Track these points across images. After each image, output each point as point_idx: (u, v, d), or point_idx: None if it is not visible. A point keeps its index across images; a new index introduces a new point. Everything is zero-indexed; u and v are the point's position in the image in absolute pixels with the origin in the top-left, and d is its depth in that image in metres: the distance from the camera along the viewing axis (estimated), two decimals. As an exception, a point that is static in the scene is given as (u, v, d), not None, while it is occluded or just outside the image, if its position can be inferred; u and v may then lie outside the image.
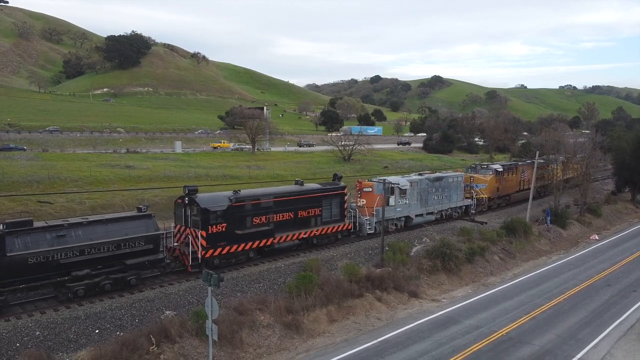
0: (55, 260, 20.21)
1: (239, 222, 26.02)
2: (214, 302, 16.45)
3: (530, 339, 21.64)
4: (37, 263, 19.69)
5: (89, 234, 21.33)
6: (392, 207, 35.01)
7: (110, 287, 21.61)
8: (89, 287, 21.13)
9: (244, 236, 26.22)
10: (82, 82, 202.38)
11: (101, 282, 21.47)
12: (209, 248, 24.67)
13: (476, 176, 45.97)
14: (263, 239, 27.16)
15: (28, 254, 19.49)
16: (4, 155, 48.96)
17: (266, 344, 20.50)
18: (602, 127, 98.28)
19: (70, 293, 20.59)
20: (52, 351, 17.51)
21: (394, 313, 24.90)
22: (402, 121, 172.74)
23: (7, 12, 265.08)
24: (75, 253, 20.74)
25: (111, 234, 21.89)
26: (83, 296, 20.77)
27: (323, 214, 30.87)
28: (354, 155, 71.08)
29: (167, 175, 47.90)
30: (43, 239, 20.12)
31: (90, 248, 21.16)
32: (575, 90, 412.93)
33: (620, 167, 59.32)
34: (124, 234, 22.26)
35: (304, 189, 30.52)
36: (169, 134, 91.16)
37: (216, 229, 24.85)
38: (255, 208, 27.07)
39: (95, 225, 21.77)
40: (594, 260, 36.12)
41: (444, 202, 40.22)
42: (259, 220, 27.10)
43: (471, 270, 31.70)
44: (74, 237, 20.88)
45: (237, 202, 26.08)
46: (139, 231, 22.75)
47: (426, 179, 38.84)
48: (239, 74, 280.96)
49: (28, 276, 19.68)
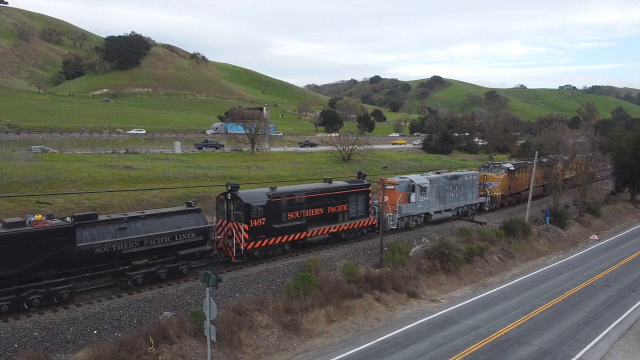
0: (119, 250, 21.82)
1: (276, 217, 27.84)
2: (213, 302, 16.45)
3: (529, 339, 21.64)
4: (102, 253, 21.28)
5: (146, 226, 22.94)
6: (413, 204, 36.79)
7: (165, 275, 23.30)
8: (147, 276, 22.74)
9: (281, 230, 28.03)
10: (81, 82, 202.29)
11: (157, 271, 23.13)
12: (251, 240, 26.51)
13: (489, 175, 47.55)
14: (297, 232, 29.00)
15: (95, 245, 21.03)
16: (3, 156, 48.92)
17: (265, 345, 20.49)
18: (601, 127, 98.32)
19: (130, 281, 22.16)
20: (50, 352, 17.51)
21: (393, 313, 24.90)
22: (402, 121, 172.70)
23: (6, 13, 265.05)
24: (136, 244, 22.35)
25: (166, 227, 23.52)
26: (142, 284, 22.43)
27: (350, 210, 32.58)
28: (354, 155, 71.06)
29: (166, 176, 47.83)
30: (107, 231, 21.68)
31: (148, 239, 22.77)
32: (575, 91, 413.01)
33: (620, 167, 59.30)
34: (177, 227, 23.88)
35: (332, 186, 32.20)
36: (169, 135, 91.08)
37: (256, 222, 26.68)
38: (290, 204, 28.85)
39: (152, 219, 23.40)
40: (593, 260, 36.12)
41: (460, 199, 41.87)
42: (293, 215, 28.92)
43: (470, 270, 31.69)
44: (134, 229, 22.47)
45: (275, 198, 27.90)
46: (190, 224, 24.40)
47: (444, 177, 40.32)
48: (239, 74, 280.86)
49: (94, 265, 21.21)
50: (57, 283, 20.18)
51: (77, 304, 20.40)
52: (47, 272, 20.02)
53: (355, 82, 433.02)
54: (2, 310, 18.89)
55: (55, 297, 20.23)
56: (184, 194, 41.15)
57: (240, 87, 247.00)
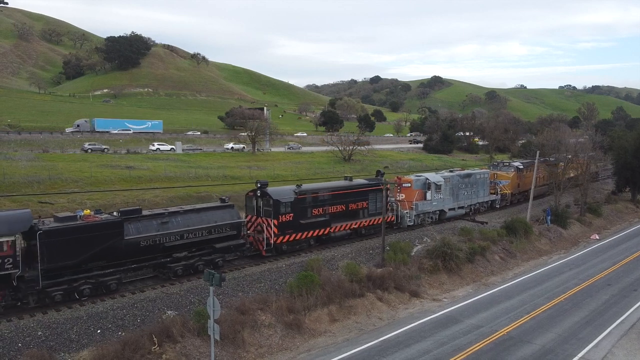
0: (161, 243, 22.97)
1: (302, 213, 29.03)
2: (216, 301, 16.47)
3: (532, 338, 21.67)
4: (147, 246, 22.45)
5: (186, 221, 24.10)
6: (429, 201, 38.00)
7: (202, 267, 24.07)
8: (186, 268, 23.89)
9: (307, 225, 29.22)
10: (82, 83, 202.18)
11: (195, 263, 24.27)
12: (279, 235, 27.71)
13: (499, 173, 48.97)
14: (321, 228, 30.19)
15: (140, 238, 22.19)
16: (4, 156, 48.97)
17: (268, 344, 20.52)
18: (602, 127, 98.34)
19: (170, 273, 23.35)
20: (54, 351, 17.53)
21: (395, 313, 24.93)
22: (402, 122, 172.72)
23: (6, 14, 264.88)
24: (177, 237, 23.49)
25: (204, 221, 24.72)
26: (181, 275, 23.57)
27: (369, 206, 33.59)
28: (354, 155, 71.11)
29: (167, 176, 47.89)
30: (151, 225, 22.82)
31: (188, 233, 23.94)
32: (575, 90, 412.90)
33: (621, 166, 59.35)
34: (214, 221, 25.08)
35: (353, 184, 33.35)
36: (169, 135, 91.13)
37: (285, 218, 27.86)
38: (315, 201, 30.01)
39: (190, 214, 24.57)
40: (595, 259, 36.15)
41: (472, 197, 43.28)
42: (317, 211, 30.08)
43: (472, 269, 31.73)
44: (174, 224, 23.62)
45: (301, 195, 29.07)
46: (225, 219, 25.62)
47: (457, 175, 41.63)
48: (239, 74, 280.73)
49: (139, 257, 22.36)
50: (105, 274, 21.33)
51: (81, 303, 20.43)
52: (97, 263, 21.13)
53: (356, 82, 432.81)
54: (56, 299, 19.98)
55: (103, 288, 21.36)
56: (185, 193, 41.19)
57: (241, 87, 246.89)
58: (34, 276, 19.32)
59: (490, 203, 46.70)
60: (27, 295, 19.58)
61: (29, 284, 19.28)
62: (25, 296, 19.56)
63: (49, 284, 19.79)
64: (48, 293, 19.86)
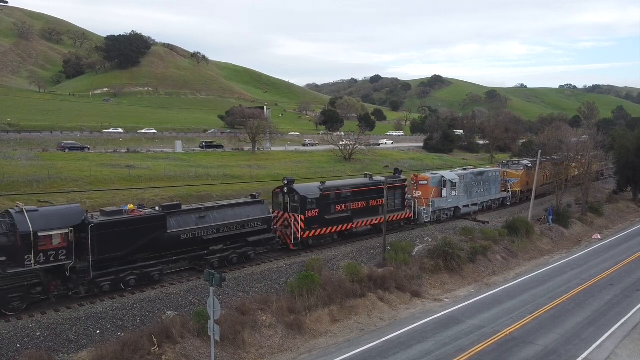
0: (200, 236, 24.10)
1: (326, 209, 30.17)
2: (216, 302, 16.32)
3: (534, 339, 21.52)
4: (187, 239, 23.57)
5: (221, 215, 25.21)
6: (444, 198, 39.17)
7: (236, 260, 25.66)
8: (221, 260, 25.08)
9: (331, 221, 30.37)
10: (82, 82, 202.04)
11: (229, 255, 25.47)
12: (306, 230, 28.90)
13: (509, 171, 50.04)
14: (344, 224, 31.32)
15: (181, 231, 23.31)
16: (4, 155, 48.81)
17: (268, 344, 20.37)
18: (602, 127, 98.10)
19: (207, 264, 24.10)
20: (52, 352, 17.37)
21: (397, 313, 24.77)
22: (402, 121, 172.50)
23: (6, 12, 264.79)
24: (214, 231, 24.63)
25: (237, 216, 25.90)
26: (217, 267, 24.46)
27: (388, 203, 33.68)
28: (355, 154, 70.91)
29: (167, 175, 47.69)
30: (190, 219, 23.95)
31: (223, 227, 25.07)
32: (576, 90, 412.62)
33: (622, 166, 59.19)
34: (247, 216, 26.25)
35: (373, 181, 34.30)
36: (169, 134, 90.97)
37: (311, 213, 29.01)
38: (338, 197, 31.09)
39: (225, 209, 25.72)
40: (597, 259, 35.99)
41: (485, 194, 44.64)
42: (340, 207, 31.20)
43: (473, 269, 31.58)
44: (211, 218, 24.75)
45: (325, 191, 30.17)
46: (256, 214, 26.79)
47: (470, 173, 42.86)
48: (239, 73, 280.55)
49: (180, 249, 23.46)
50: (149, 265, 22.33)
51: (79, 303, 20.28)
52: (141, 255, 22.11)
53: (356, 82, 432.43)
54: (104, 289, 21.01)
55: (147, 278, 22.26)
56: (185, 193, 40.99)
57: (241, 87, 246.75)
58: (85, 267, 20.38)
59: (502, 200, 47.83)
60: (78, 285, 20.53)
61: (81, 274, 20.31)
62: (76, 286, 20.53)
63: (98, 274, 20.82)
64: (97, 283, 20.88)
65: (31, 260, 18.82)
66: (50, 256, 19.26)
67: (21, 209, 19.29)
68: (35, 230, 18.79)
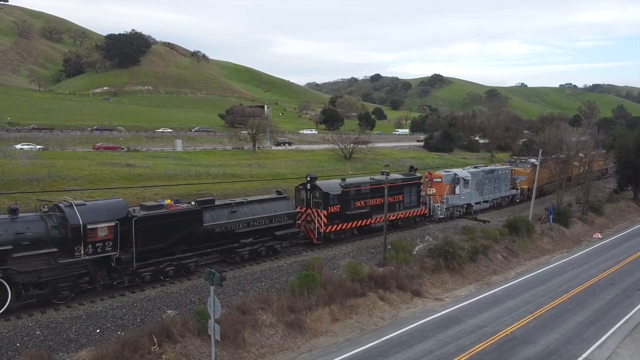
0: (232, 230, 25.31)
1: (347, 205, 31.21)
2: (216, 301, 16.26)
3: (535, 338, 21.46)
4: (220, 232, 24.79)
5: (251, 210, 26.46)
6: (457, 195, 40.42)
7: (264, 252, 26.90)
8: (251, 252, 26.25)
9: (351, 216, 31.41)
10: (82, 80, 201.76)
11: (258, 248, 26.66)
12: (329, 225, 29.98)
13: (517, 169, 50.83)
14: (363, 219, 32.18)
15: (215, 225, 24.49)
16: (4, 154, 48.77)
17: (269, 344, 20.32)
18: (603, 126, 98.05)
19: (237, 257, 25.63)
20: (52, 351, 17.31)
21: (397, 312, 24.72)
22: (403, 120, 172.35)
23: (7, 11, 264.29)
24: (244, 225, 25.83)
25: (266, 211, 27.10)
26: (247, 259, 25.95)
27: (405, 200, 35.82)
28: (355, 154, 70.85)
29: (167, 174, 47.64)
30: (223, 214, 25.14)
31: (253, 221, 26.28)
32: (576, 89, 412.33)
33: (623, 165, 59.13)
34: (274, 211, 27.45)
35: (390, 178, 34.35)
36: (169, 133, 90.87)
37: (333, 209, 30.16)
38: (357, 193, 32.02)
39: (254, 204, 27.02)
40: (597, 258, 35.93)
41: (495, 191, 45.96)
42: (359, 204, 32.13)
43: (474, 269, 31.52)
44: (242, 213, 25.96)
45: (346, 188, 31.25)
46: (282, 209, 27.96)
47: (482, 171, 44.14)
48: (239, 72, 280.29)
49: (214, 242, 24.64)
50: (186, 257, 23.42)
51: (79, 302, 20.22)
52: (179, 247, 23.24)
53: (356, 81, 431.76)
54: (146, 279, 22.08)
55: (184, 269, 23.33)
56: (185, 191, 40.94)
57: (241, 85, 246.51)
58: (129, 258, 21.41)
59: (511, 198, 48.99)
60: (122, 276, 21.47)
61: (125, 265, 21.32)
62: (120, 276, 21.47)
63: (141, 265, 21.86)
64: (139, 274, 21.88)
65: (80, 252, 19.86)
66: (97, 247, 20.31)
67: (70, 203, 20.19)
68: (84, 223, 19.78)
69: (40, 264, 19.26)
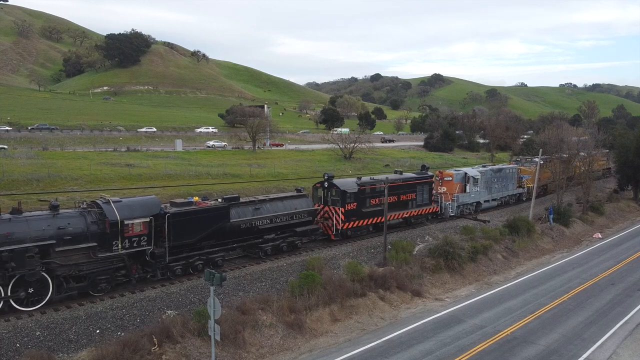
0: (256, 226, 26.31)
1: (363, 202, 32.02)
2: (217, 301, 16.24)
3: (536, 338, 21.44)
4: (245, 228, 25.81)
5: (273, 207, 27.42)
6: (468, 193, 41.46)
7: (286, 248, 27.85)
8: (273, 248, 27.23)
9: (367, 214, 32.17)
10: (82, 80, 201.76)
11: (280, 244, 27.60)
12: (345, 222, 30.87)
13: (523, 168, 51.38)
14: (378, 217, 32.56)
15: (241, 221, 25.48)
16: (4, 154, 48.73)
17: (269, 344, 20.30)
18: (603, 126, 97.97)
19: (261, 252, 26.67)
20: (52, 351, 17.30)
21: (398, 312, 24.70)
22: (403, 119, 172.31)
23: (6, 11, 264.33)
24: (267, 221, 26.84)
25: (287, 208, 28.06)
26: (270, 254, 26.96)
27: (417, 198, 36.61)
28: (355, 153, 70.79)
29: (167, 174, 47.57)
30: (248, 210, 26.13)
31: (275, 218, 27.25)
32: (576, 89, 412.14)
33: (623, 165, 59.09)
34: (294, 208, 28.40)
35: (403, 177, 36.29)
36: (170, 133, 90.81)
37: (350, 206, 30.93)
38: (372, 192, 32.71)
39: (276, 201, 27.95)
40: (598, 258, 35.91)
41: (503, 190, 47.01)
42: (374, 201, 32.78)
43: (474, 269, 31.50)
44: (265, 210, 26.94)
45: (362, 186, 32.03)
46: (302, 206, 28.98)
47: (490, 170, 45.11)
48: (239, 72, 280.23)
49: (239, 237, 25.65)
50: (213, 252, 24.47)
51: (79, 303, 20.20)
52: (207, 242, 24.23)
53: (356, 80, 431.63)
54: (177, 273, 23.08)
55: (211, 263, 24.15)
56: (185, 191, 40.87)
57: (241, 85, 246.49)
58: (162, 252, 22.42)
59: (518, 196, 49.81)
60: (155, 269, 22.41)
61: (158, 259, 22.32)
62: (154, 270, 22.40)
63: (172, 259, 22.87)
64: (171, 267, 22.90)
65: (118, 246, 20.78)
66: (133, 242, 21.28)
67: (107, 200, 21.21)
68: (122, 219, 20.71)
69: (81, 258, 20.18)
